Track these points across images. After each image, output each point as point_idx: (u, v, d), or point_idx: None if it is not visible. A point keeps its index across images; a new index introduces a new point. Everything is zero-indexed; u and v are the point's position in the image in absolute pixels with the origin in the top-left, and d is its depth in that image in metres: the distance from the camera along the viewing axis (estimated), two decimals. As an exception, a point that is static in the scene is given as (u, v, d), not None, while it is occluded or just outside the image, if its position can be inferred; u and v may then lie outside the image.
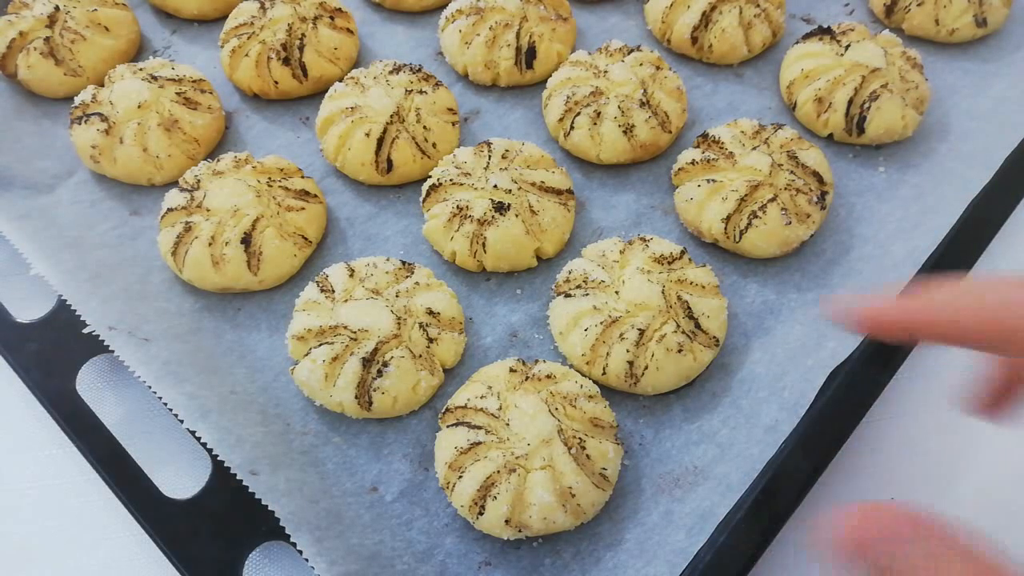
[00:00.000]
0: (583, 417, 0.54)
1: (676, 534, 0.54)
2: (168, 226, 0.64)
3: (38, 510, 0.60)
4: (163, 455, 0.60)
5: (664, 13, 0.80)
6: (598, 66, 0.74)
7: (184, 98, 0.71)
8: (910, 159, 0.74)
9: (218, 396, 0.58)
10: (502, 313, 0.65)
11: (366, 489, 0.56)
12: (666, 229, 0.70)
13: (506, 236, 0.63)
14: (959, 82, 0.80)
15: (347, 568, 0.51)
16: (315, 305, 0.60)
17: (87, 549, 0.59)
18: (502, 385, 0.55)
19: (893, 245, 0.68)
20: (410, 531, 0.55)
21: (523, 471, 0.51)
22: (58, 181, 0.71)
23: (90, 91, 0.71)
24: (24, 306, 0.64)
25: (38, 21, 0.75)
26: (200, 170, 0.67)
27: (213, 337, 0.63)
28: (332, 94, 0.73)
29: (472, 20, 0.77)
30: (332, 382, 0.57)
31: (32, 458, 0.62)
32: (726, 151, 0.68)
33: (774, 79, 0.80)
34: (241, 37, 0.76)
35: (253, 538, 0.54)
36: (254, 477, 0.53)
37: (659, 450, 0.58)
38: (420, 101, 0.71)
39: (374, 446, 0.58)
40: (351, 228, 0.70)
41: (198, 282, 0.64)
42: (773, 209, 0.64)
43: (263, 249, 0.63)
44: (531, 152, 0.68)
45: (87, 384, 0.62)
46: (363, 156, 0.69)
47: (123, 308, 0.62)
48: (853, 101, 0.72)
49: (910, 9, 0.81)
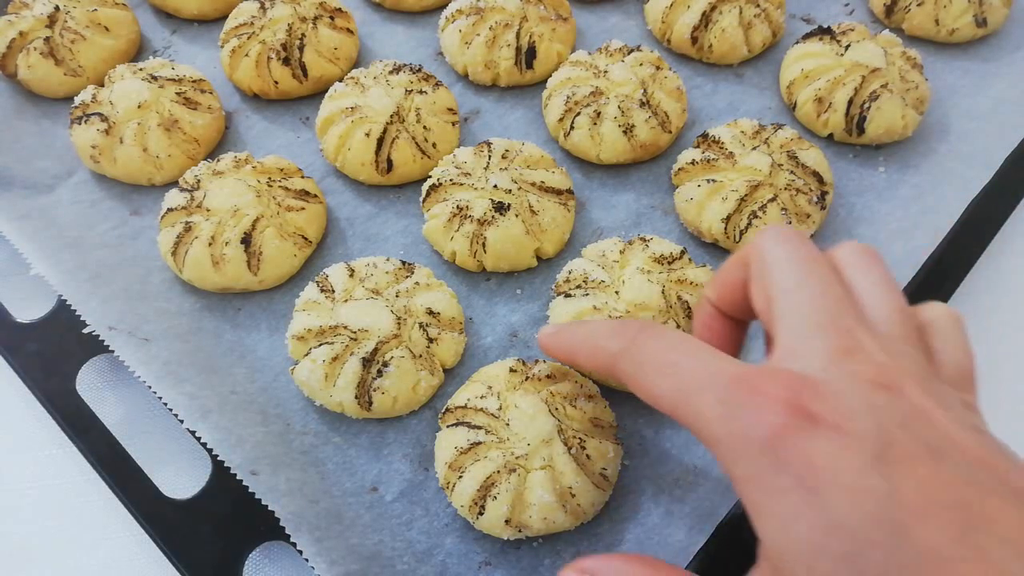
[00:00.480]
0: (583, 417, 0.54)
1: (676, 534, 0.54)
2: (168, 226, 0.64)
3: (38, 510, 0.60)
4: (163, 455, 0.60)
5: (664, 13, 0.80)
6: (598, 66, 0.74)
7: (184, 98, 0.71)
8: (910, 159, 0.74)
9: (218, 396, 0.58)
10: (502, 313, 0.65)
11: (366, 489, 0.56)
12: (666, 229, 0.70)
13: (506, 236, 0.63)
14: (959, 82, 0.80)
15: (347, 568, 0.51)
16: (315, 305, 0.60)
17: (87, 549, 0.59)
18: (502, 385, 0.55)
19: (893, 245, 0.68)
20: (410, 531, 0.55)
21: (523, 471, 0.51)
22: (58, 181, 0.71)
23: (90, 91, 0.71)
24: (24, 306, 0.64)
25: (38, 21, 0.75)
26: (200, 170, 0.67)
27: (213, 337, 0.63)
28: (332, 94, 0.73)
29: (472, 20, 0.77)
30: (332, 382, 0.57)
31: (32, 458, 0.62)
32: (726, 151, 0.68)
33: (774, 79, 0.80)
34: (241, 37, 0.76)
35: (253, 538, 0.54)
36: (254, 477, 0.53)
37: (659, 450, 0.58)
38: (420, 101, 0.71)
39: (374, 446, 0.58)
40: (351, 228, 0.70)
41: (198, 282, 0.64)
42: (773, 209, 0.64)
43: (263, 249, 0.63)
44: (531, 152, 0.68)
45: (87, 384, 0.62)
46: (363, 156, 0.69)
47: (123, 308, 0.62)
48: (853, 101, 0.72)
49: (910, 9, 0.81)
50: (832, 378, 0.34)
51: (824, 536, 0.30)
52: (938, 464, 0.30)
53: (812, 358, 0.35)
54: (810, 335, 0.36)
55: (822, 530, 0.30)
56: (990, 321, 0.70)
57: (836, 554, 0.30)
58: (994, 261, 0.72)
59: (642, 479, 0.57)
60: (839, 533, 0.30)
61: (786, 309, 0.38)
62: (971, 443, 0.32)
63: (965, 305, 0.70)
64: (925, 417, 0.32)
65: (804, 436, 0.32)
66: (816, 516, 0.30)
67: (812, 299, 0.38)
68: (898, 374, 0.34)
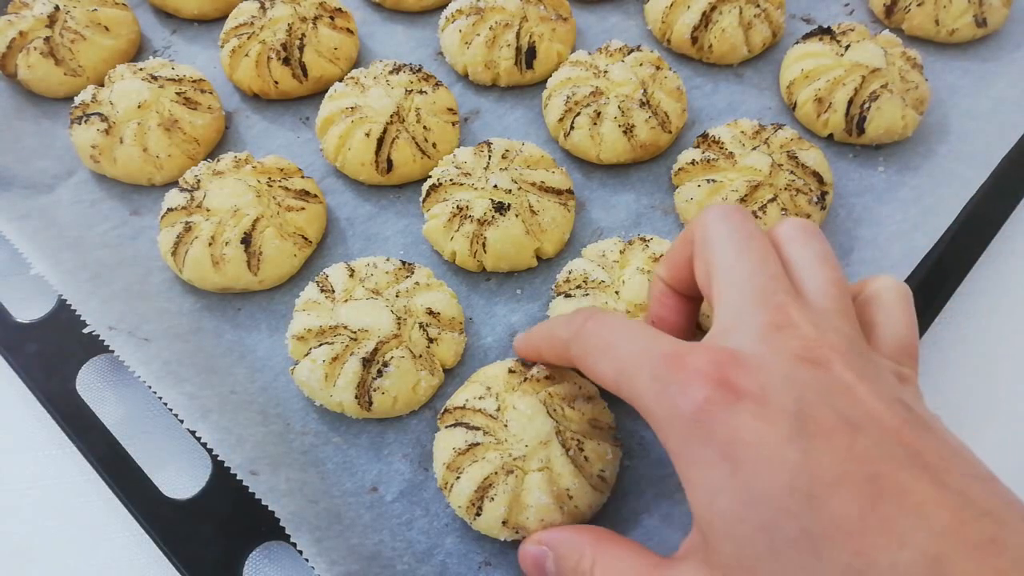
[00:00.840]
0: (581, 418, 0.54)
1: (675, 535, 0.54)
2: (168, 226, 0.64)
3: (38, 510, 0.60)
4: (163, 455, 0.60)
5: (664, 13, 0.80)
6: (598, 66, 0.74)
7: (184, 98, 0.71)
8: (910, 159, 0.74)
9: (218, 396, 0.58)
10: (502, 313, 0.65)
11: (366, 489, 0.56)
12: (666, 229, 0.70)
13: (506, 236, 0.63)
14: (959, 82, 0.80)
15: (347, 568, 0.51)
16: (315, 305, 0.60)
17: (87, 549, 0.59)
18: (501, 386, 0.55)
19: (892, 246, 0.68)
20: (410, 531, 0.55)
21: (520, 472, 0.51)
22: (58, 181, 0.71)
23: (90, 91, 0.71)
24: (24, 306, 0.64)
25: (38, 21, 0.75)
26: (200, 170, 0.67)
27: (213, 337, 0.63)
28: (332, 94, 0.73)
29: (472, 20, 0.77)
30: (332, 382, 0.57)
31: (32, 458, 0.62)
32: (726, 151, 0.68)
33: (774, 79, 0.80)
34: (241, 37, 0.76)
35: (253, 538, 0.54)
36: (254, 477, 0.53)
37: (659, 451, 0.58)
38: (420, 101, 0.71)
39: (374, 446, 0.58)
40: (351, 228, 0.70)
41: (198, 282, 0.64)
42: (773, 209, 0.64)
43: (263, 249, 0.63)
44: (531, 152, 0.68)
45: (87, 384, 0.62)
46: (363, 156, 0.69)
47: (123, 308, 0.62)
48: (853, 101, 0.72)
49: (910, 9, 0.81)
50: (759, 353, 0.35)
51: (744, 508, 0.31)
52: (854, 437, 0.31)
53: (744, 334, 0.36)
54: (744, 311, 0.37)
55: (742, 502, 0.31)
56: (990, 321, 0.70)
57: (755, 524, 0.31)
58: (994, 261, 0.72)
59: (642, 480, 0.57)
60: (757, 505, 0.31)
61: (724, 285, 0.39)
62: (890, 417, 0.32)
63: (965, 305, 0.70)
64: (847, 391, 0.33)
65: (727, 409, 0.33)
66: (737, 488, 0.32)
67: (748, 275, 0.38)
68: (825, 349, 0.35)
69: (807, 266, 0.40)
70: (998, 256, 0.72)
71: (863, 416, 0.32)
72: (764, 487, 0.31)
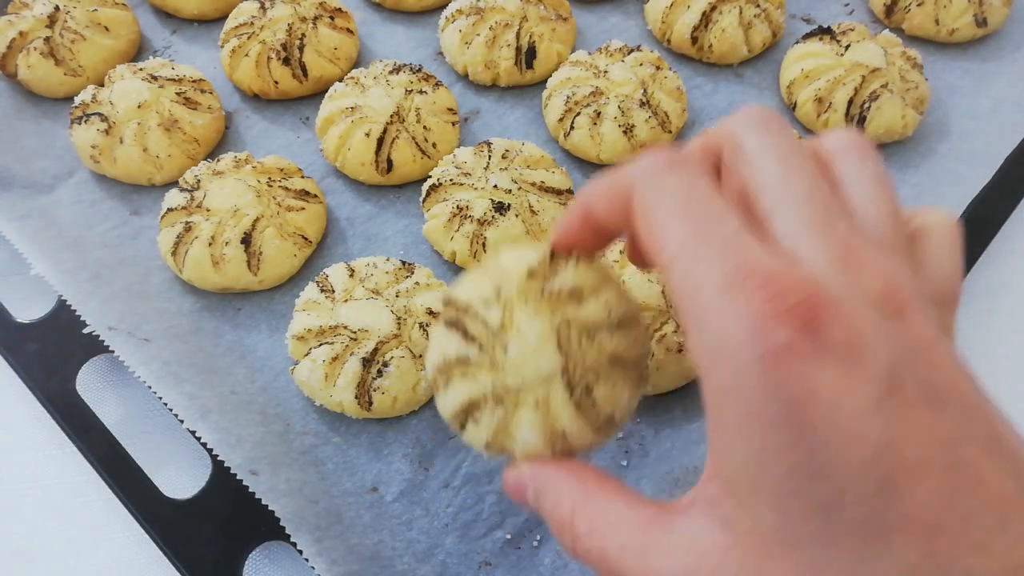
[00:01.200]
0: (599, 355, 0.42)
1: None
2: (168, 226, 0.64)
3: (38, 510, 0.60)
4: (163, 455, 0.60)
5: (664, 13, 0.80)
6: (598, 66, 0.74)
7: (184, 98, 0.71)
8: (910, 159, 0.74)
9: (218, 396, 0.58)
10: (502, 313, 0.64)
11: (366, 489, 0.56)
12: (666, 229, 0.69)
13: (506, 236, 0.63)
14: (959, 82, 0.80)
15: (347, 568, 0.51)
16: (315, 305, 0.60)
17: (87, 549, 0.59)
18: (513, 290, 0.43)
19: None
20: (410, 531, 0.55)
21: (511, 404, 0.42)
22: (58, 181, 0.71)
23: (90, 91, 0.71)
24: (24, 306, 0.64)
25: (38, 21, 0.75)
26: (200, 170, 0.67)
27: (213, 337, 0.63)
28: (332, 94, 0.73)
29: (472, 20, 0.77)
30: (332, 382, 0.57)
31: (32, 458, 0.62)
32: (726, 151, 0.68)
33: (774, 79, 0.80)
34: (241, 37, 0.76)
35: (253, 538, 0.54)
36: (254, 477, 0.53)
37: (659, 450, 0.58)
38: (420, 101, 0.71)
39: (374, 446, 0.58)
40: (351, 228, 0.70)
41: (198, 282, 0.64)
42: (773, 209, 0.64)
43: (263, 249, 0.63)
44: (531, 152, 0.68)
45: (87, 384, 0.62)
46: (363, 156, 0.69)
47: (123, 308, 0.62)
48: (853, 101, 0.72)
49: (910, 9, 0.81)
50: (846, 295, 0.28)
51: (804, 481, 0.26)
52: (939, 413, 0.26)
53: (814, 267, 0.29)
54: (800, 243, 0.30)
55: (805, 475, 0.26)
56: (990, 321, 0.70)
57: (814, 502, 0.26)
58: (994, 261, 0.72)
59: (642, 479, 0.57)
60: (821, 480, 0.26)
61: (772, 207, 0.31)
62: (969, 387, 0.28)
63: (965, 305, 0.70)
64: (928, 352, 0.28)
65: (809, 362, 0.26)
66: (800, 457, 0.26)
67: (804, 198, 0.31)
68: (905, 294, 0.29)
69: (864, 191, 0.33)
70: (998, 256, 0.72)
71: (947, 385, 0.27)
72: (835, 462, 0.26)
